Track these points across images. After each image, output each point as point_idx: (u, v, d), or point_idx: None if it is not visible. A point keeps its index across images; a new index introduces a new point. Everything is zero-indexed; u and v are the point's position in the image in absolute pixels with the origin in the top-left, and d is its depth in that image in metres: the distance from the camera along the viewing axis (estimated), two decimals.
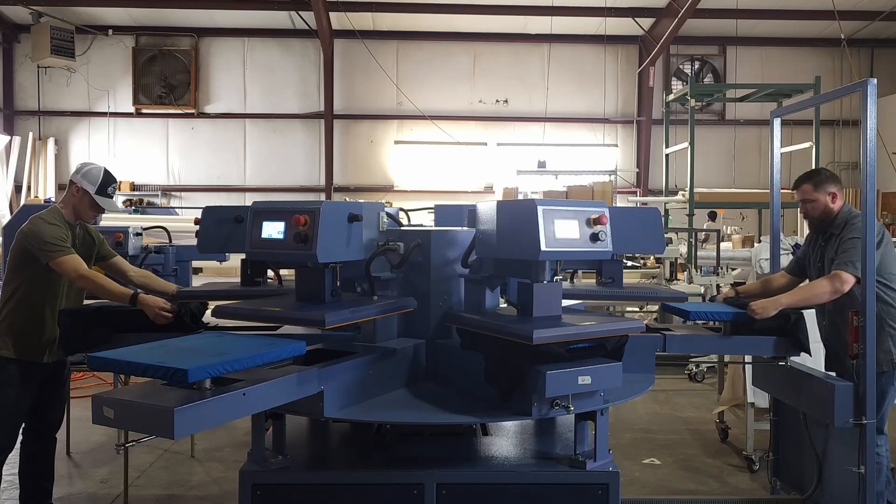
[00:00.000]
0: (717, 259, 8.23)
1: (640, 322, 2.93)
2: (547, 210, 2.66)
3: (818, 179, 3.79)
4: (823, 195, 3.76)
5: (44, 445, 3.97)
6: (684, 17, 12.65)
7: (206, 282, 5.31)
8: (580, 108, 15.12)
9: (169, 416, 2.12)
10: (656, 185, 14.24)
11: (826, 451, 3.76)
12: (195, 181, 14.92)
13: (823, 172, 3.87)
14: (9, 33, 14.51)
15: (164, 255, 4.77)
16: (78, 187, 3.78)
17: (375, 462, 2.98)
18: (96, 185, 3.77)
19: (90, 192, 3.76)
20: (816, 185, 3.77)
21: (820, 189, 3.76)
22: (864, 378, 3.31)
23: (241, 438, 5.53)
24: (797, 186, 3.87)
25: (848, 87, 3.63)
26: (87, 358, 2.48)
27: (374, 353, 2.91)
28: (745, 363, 4.88)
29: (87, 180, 3.77)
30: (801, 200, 3.86)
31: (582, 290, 4.00)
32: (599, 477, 2.80)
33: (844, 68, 14.22)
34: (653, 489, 4.71)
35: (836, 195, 3.76)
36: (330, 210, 2.77)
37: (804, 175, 3.87)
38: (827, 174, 3.85)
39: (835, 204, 3.75)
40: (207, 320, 3.54)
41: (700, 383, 7.50)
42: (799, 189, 3.85)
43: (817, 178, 3.80)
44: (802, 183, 3.83)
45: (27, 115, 14.78)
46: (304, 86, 14.99)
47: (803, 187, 3.82)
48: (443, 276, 3.16)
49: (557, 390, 2.59)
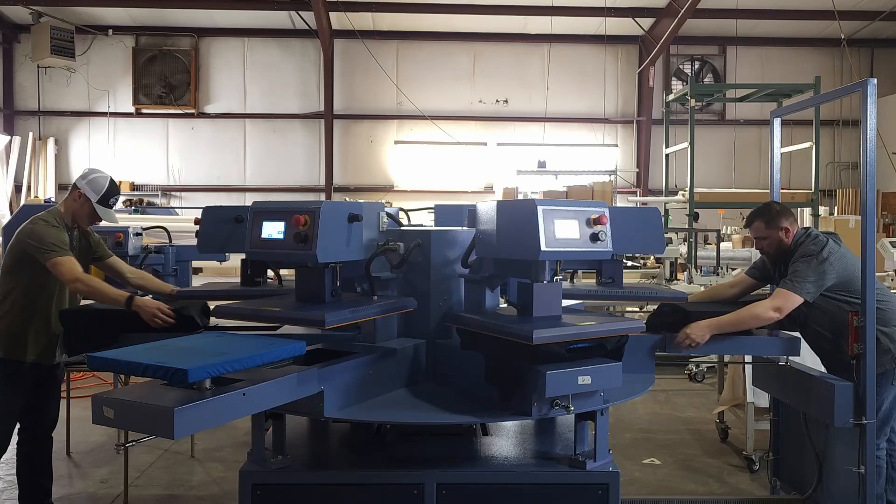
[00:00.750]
0: (717, 259, 8.23)
1: (640, 322, 2.93)
2: (547, 210, 2.66)
3: (769, 217, 3.70)
4: (776, 231, 3.68)
5: (40, 445, 3.97)
6: (684, 17, 12.65)
7: (206, 282, 5.31)
8: (580, 108, 15.12)
9: (169, 416, 2.12)
10: (656, 185, 14.24)
11: (826, 451, 3.76)
12: (195, 181, 14.92)
13: (774, 208, 3.75)
14: (9, 33, 14.50)
15: (164, 255, 4.77)
16: (81, 193, 3.78)
17: (375, 462, 2.98)
18: (100, 194, 3.79)
19: (92, 200, 3.77)
20: (768, 223, 3.69)
21: (772, 226, 3.68)
22: (863, 378, 3.31)
23: (241, 438, 5.53)
24: (749, 224, 3.80)
25: (848, 87, 3.63)
26: (87, 358, 2.48)
27: (374, 353, 2.91)
28: (745, 363, 4.88)
29: (92, 188, 3.78)
30: (754, 238, 3.80)
31: (582, 290, 4.00)
32: (599, 477, 2.80)
33: (844, 68, 14.22)
34: (653, 489, 4.71)
35: (788, 230, 3.68)
36: (330, 210, 2.77)
37: (755, 212, 3.77)
38: (777, 209, 3.73)
39: (788, 238, 3.68)
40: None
41: (700, 383, 7.51)
42: (751, 226, 3.79)
43: (768, 216, 3.70)
44: (754, 220, 3.75)
45: (27, 115, 14.78)
46: (304, 86, 14.99)
47: (755, 224, 3.75)
48: (443, 276, 3.16)
49: (557, 390, 2.59)
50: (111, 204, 3.87)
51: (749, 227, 3.83)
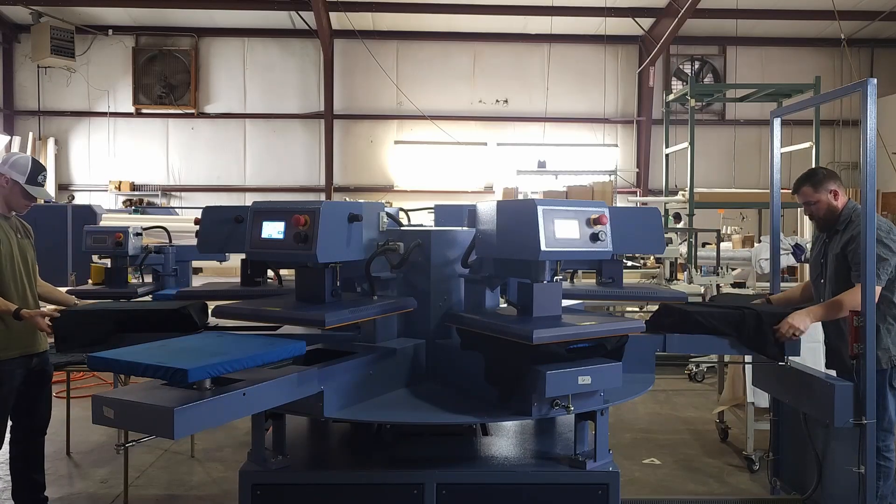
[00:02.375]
0: (717, 259, 8.23)
1: (640, 322, 2.92)
2: (547, 210, 2.66)
3: (816, 180, 3.77)
4: (825, 194, 3.75)
5: (34, 441, 3.99)
6: (684, 17, 12.65)
7: (206, 282, 5.30)
8: (580, 108, 15.12)
9: (169, 416, 2.12)
10: (656, 185, 14.25)
11: (826, 451, 3.76)
12: (195, 181, 14.93)
13: (821, 172, 3.84)
14: (9, 33, 14.51)
15: (164, 255, 4.76)
16: (7, 178, 3.77)
17: (375, 462, 2.98)
18: (26, 174, 3.78)
19: (20, 181, 3.76)
20: (816, 186, 3.76)
21: (820, 189, 3.75)
22: (864, 378, 3.31)
23: (241, 438, 5.53)
24: (797, 190, 3.84)
25: (848, 87, 3.63)
26: (87, 358, 2.48)
27: (374, 353, 2.91)
28: (745, 363, 4.88)
29: (16, 170, 3.77)
30: (803, 203, 3.83)
31: (582, 290, 4.00)
32: (599, 477, 2.80)
33: (844, 68, 14.22)
34: (653, 489, 4.71)
35: (837, 192, 3.74)
36: (330, 210, 2.77)
37: (802, 177, 3.83)
38: (824, 172, 3.82)
39: (838, 201, 3.74)
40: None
41: (700, 383, 7.51)
42: (799, 192, 3.83)
43: (815, 179, 3.77)
44: (802, 185, 3.81)
45: (27, 115, 14.78)
46: (304, 86, 14.99)
47: (803, 190, 3.80)
48: (443, 276, 3.16)
49: (557, 390, 2.59)
50: (41, 181, 3.86)
51: (797, 193, 3.84)
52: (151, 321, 3.34)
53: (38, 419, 3.99)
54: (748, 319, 3.36)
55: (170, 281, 4.67)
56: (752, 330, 3.34)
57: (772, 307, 3.71)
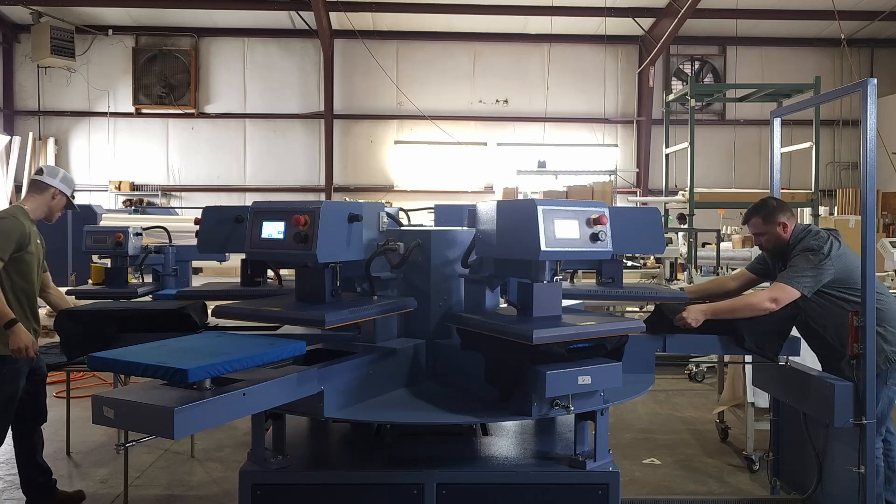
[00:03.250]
0: (717, 259, 8.24)
1: (640, 322, 2.92)
2: (547, 210, 2.66)
3: (766, 213, 3.73)
4: (773, 227, 3.71)
5: (38, 432, 4.21)
6: (684, 17, 12.66)
7: (206, 282, 5.30)
8: (580, 108, 15.13)
9: (169, 416, 2.12)
10: (656, 185, 14.25)
11: (826, 451, 3.76)
12: (195, 181, 14.93)
13: (770, 203, 3.79)
14: (9, 33, 14.51)
15: (164, 255, 4.76)
16: (56, 191, 4.08)
17: (375, 462, 2.98)
18: (70, 189, 4.16)
19: (68, 195, 4.13)
20: (765, 219, 3.73)
21: (770, 222, 3.72)
22: (863, 378, 3.31)
23: (241, 438, 5.53)
24: (746, 220, 3.84)
25: (848, 87, 3.63)
26: (87, 358, 2.48)
27: (374, 353, 2.91)
28: (745, 363, 4.88)
29: (67, 184, 4.13)
30: (753, 234, 3.83)
31: (582, 290, 4.00)
32: (599, 477, 2.80)
33: (844, 68, 14.23)
34: (653, 489, 4.71)
35: (786, 225, 3.70)
36: (330, 210, 2.77)
37: (752, 209, 3.81)
38: (774, 204, 3.77)
39: (786, 233, 3.71)
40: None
41: (700, 383, 7.51)
42: (749, 223, 3.82)
43: (765, 212, 3.74)
44: (751, 216, 3.79)
45: (27, 115, 14.79)
46: (304, 86, 15.00)
47: (752, 221, 3.79)
48: (443, 276, 3.16)
49: (557, 390, 2.59)
50: (74, 196, 4.25)
51: (747, 223, 3.86)
52: (151, 321, 3.34)
53: (41, 413, 4.19)
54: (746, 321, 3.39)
55: (170, 281, 4.67)
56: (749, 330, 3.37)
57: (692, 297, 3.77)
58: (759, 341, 3.38)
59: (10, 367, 3.83)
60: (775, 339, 3.39)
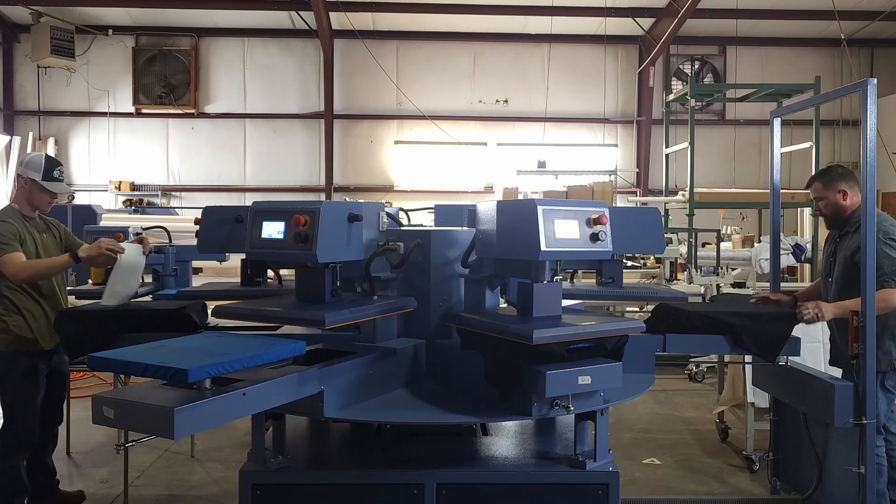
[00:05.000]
0: (717, 259, 8.23)
1: (640, 322, 2.93)
2: (547, 210, 2.66)
3: (828, 178, 3.84)
4: (833, 193, 3.79)
5: (51, 433, 4.23)
6: (684, 17, 12.64)
7: (206, 282, 5.30)
8: (580, 108, 15.11)
9: (169, 416, 2.12)
10: (656, 185, 14.24)
11: (826, 451, 3.76)
12: (195, 181, 14.92)
13: (835, 170, 3.90)
14: (9, 33, 14.50)
15: (164, 255, 4.76)
16: (25, 179, 3.91)
17: (375, 462, 2.98)
18: (40, 171, 3.91)
19: (37, 179, 3.89)
20: (826, 184, 3.82)
21: (829, 187, 3.81)
22: (863, 378, 3.31)
23: (241, 438, 5.53)
24: (809, 185, 3.95)
25: (848, 87, 3.63)
26: (87, 358, 2.48)
27: (374, 353, 2.91)
28: (745, 363, 4.88)
29: (31, 168, 3.90)
30: (813, 198, 3.93)
31: (582, 290, 4.00)
32: (599, 477, 2.80)
33: (844, 68, 14.22)
34: (653, 489, 4.71)
35: (846, 192, 3.78)
36: (330, 210, 2.77)
37: (816, 173, 3.97)
38: (839, 172, 3.87)
39: (846, 201, 3.78)
40: None
41: (700, 383, 7.50)
42: (811, 187, 3.93)
43: (827, 177, 3.84)
44: (813, 181, 3.91)
45: (27, 115, 14.77)
46: (304, 86, 14.98)
47: (814, 185, 3.89)
48: (443, 276, 3.16)
49: (557, 390, 2.59)
50: (57, 176, 3.97)
51: (809, 186, 3.95)
52: (151, 321, 3.34)
53: (57, 414, 4.24)
54: (745, 321, 3.36)
55: (170, 281, 4.66)
56: (748, 331, 3.35)
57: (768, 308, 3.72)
58: (758, 342, 3.38)
59: (28, 361, 3.82)
60: (775, 339, 3.39)
